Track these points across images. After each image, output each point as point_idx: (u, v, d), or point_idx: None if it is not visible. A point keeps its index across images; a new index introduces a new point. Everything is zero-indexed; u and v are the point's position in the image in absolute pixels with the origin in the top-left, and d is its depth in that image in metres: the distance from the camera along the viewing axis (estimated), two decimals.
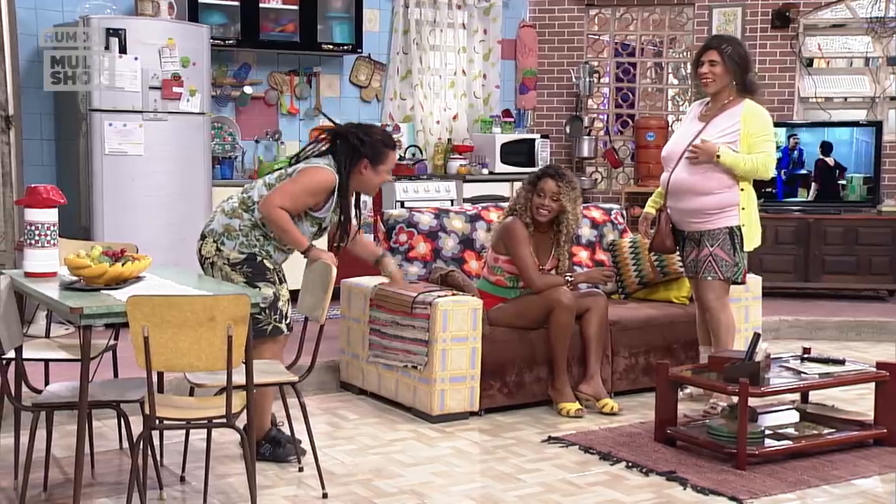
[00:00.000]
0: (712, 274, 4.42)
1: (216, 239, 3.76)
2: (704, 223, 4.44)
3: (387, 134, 3.96)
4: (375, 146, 3.78)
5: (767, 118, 4.45)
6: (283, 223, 3.68)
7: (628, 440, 4.10)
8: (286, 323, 3.74)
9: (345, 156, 3.76)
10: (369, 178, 3.80)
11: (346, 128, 3.86)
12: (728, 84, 4.44)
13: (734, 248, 4.40)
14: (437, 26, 7.43)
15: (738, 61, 4.42)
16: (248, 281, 3.69)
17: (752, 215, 4.45)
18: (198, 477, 3.53)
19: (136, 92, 5.65)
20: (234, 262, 3.72)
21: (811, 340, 5.88)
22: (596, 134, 7.98)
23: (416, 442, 4.12)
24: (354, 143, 3.76)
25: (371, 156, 3.77)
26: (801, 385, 4.07)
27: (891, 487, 3.65)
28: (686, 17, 7.76)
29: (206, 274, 3.80)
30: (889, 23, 7.31)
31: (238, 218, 3.76)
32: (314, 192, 3.71)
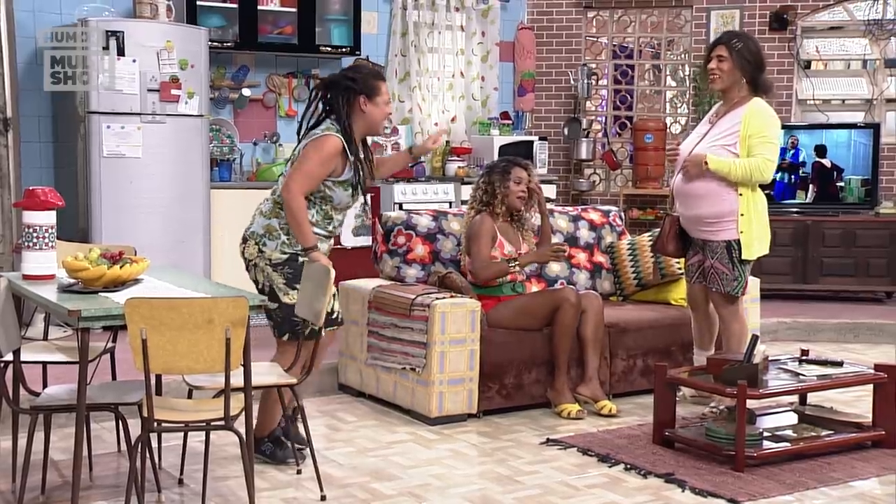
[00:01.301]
0: (716, 286, 4.39)
1: (257, 241, 3.77)
2: (705, 232, 4.38)
3: (374, 67, 3.97)
4: (367, 80, 3.77)
5: (770, 119, 4.29)
6: (298, 214, 3.68)
7: (626, 442, 4.10)
8: (332, 316, 3.79)
9: (341, 100, 3.75)
10: (371, 113, 3.78)
11: (333, 76, 3.87)
12: (737, 82, 4.30)
13: (732, 262, 4.30)
14: (435, 28, 7.43)
15: (748, 58, 4.28)
16: (287, 282, 3.72)
17: (754, 222, 4.29)
18: (196, 479, 3.53)
19: (135, 94, 5.66)
20: (276, 263, 3.73)
21: (809, 342, 5.88)
22: (594, 136, 7.98)
23: (414, 444, 4.12)
24: (346, 84, 3.76)
25: (365, 90, 3.75)
26: (799, 387, 4.07)
27: (889, 489, 3.66)
28: (684, 19, 7.77)
29: (251, 277, 3.82)
30: (886, 25, 7.32)
31: (276, 217, 3.76)
32: (326, 161, 3.70)
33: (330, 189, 3.74)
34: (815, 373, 4.10)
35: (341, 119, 3.75)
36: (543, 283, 5.03)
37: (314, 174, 3.69)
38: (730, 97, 4.37)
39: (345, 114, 3.74)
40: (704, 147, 4.36)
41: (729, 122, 4.33)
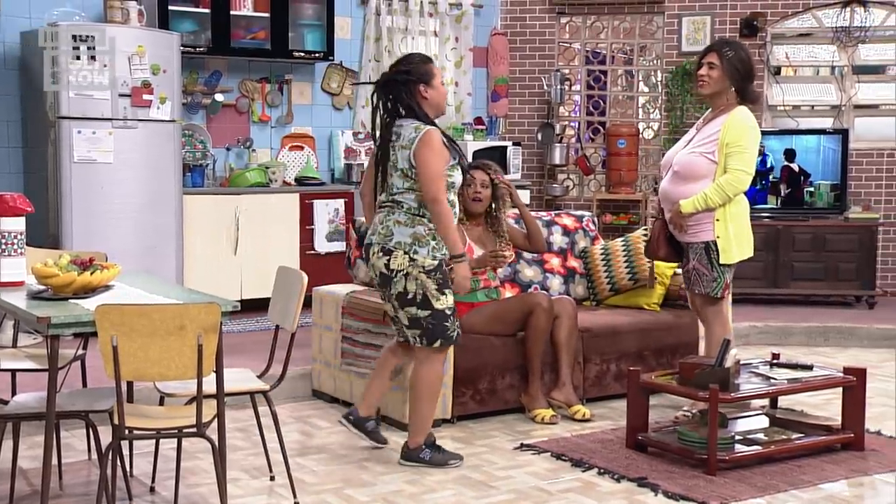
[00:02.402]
0: (698, 288, 4.43)
1: (407, 250, 3.75)
2: (686, 235, 4.43)
3: (419, 54, 4.05)
4: (419, 67, 3.81)
5: (748, 129, 4.31)
6: (449, 222, 3.73)
7: (600, 447, 4.12)
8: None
9: (403, 95, 3.79)
10: (433, 97, 3.82)
11: (384, 76, 3.91)
12: (725, 89, 4.35)
13: (711, 263, 4.35)
14: (408, 34, 7.44)
15: (738, 67, 4.33)
16: (438, 288, 3.75)
17: (731, 227, 4.32)
18: (168, 487, 3.51)
19: (106, 99, 5.62)
20: (429, 269, 3.74)
21: (780, 346, 5.94)
22: (567, 141, 8.02)
23: (388, 450, 4.11)
24: (402, 78, 3.80)
25: (422, 77, 3.80)
26: (770, 391, 4.10)
27: (857, 491, 3.70)
28: (656, 25, 7.83)
29: (393, 289, 3.78)
30: (854, 32, 7.41)
31: (420, 224, 3.76)
32: (441, 154, 3.74)
33: (449, 176, 3.78)
34: (785, 376, 4.13)
35: (415, 111, 3.78)
36: (517, 288, 5.05)
37: (440, 172, 3.72)
38: (716, 104, 4.43)
39: (415, 106, 3.79)
40: (684, 154, 4.42)
41: (711, 129, 4.39)
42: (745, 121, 4.33)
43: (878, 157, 7.60)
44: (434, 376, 3.86)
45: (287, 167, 6.93)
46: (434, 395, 3.88)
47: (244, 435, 4.27)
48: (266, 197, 6.52)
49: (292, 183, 6.84)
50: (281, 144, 7.04)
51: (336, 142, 7.24)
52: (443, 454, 3.90)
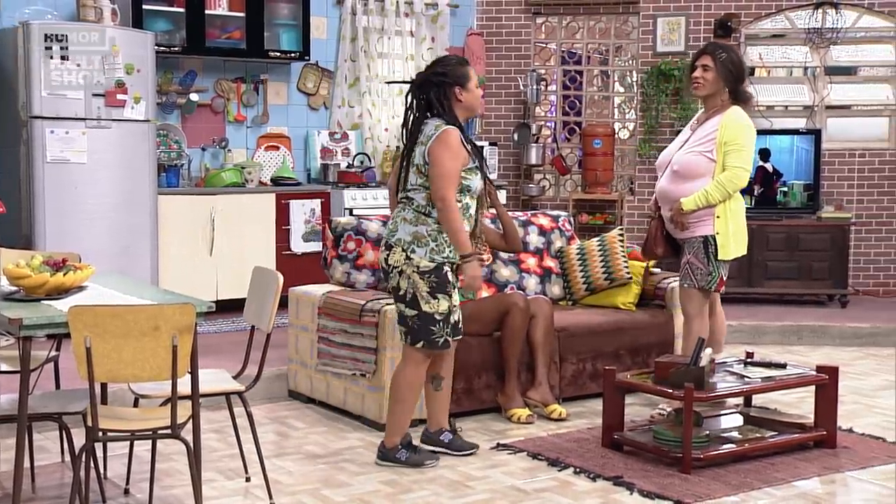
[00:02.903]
0: (688, 282, 4.50)
1: (405, 248, 3.75)
2: (685, 231, 4.50)
3: (456, 56, 4.05)
4: (455, 70, 3.82)
5: (745, 128, 4.42)
6: (455, 221, 3.71)
7: (576, 446, 4.14)
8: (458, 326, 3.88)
9: (438, 97, 3.79)
10: (468, 100, 3.83)
11: (420, 76, 3.91)
12: (719, 90, 4.47)
13: (708, 256, 4.43)
14: (384, 34, 7.43)
15: (730, 68, 4.45)
16: (430, 291, 3.73)
17: (731, 224, 4.43)
18: (142, 489, 3.49)
19: (79, 99, 5.58)
20: (424, 271, 3.73)
21: (754, 345, 5.98)
22: (543, 141, 8.04)
23: (364, 450, 4.11)
24: (438, 79, 3.80)
25: (458, 80, 3.81)
26: (744, 389, 4.13)
27: (830, 488, 3.73)
28: (631, 25, 7.86)
29: (391, 283, 3.81)
30: (826, 33, 7.48)
31: (424, 224, 3.75)
32: (456, 154, 3.73)
33: (466, 178, 3.76)
34: (759, 375, 4.16)
35: (444, 114, 3.78)
36: (494, 288, 5.05)
37: (454, 172, 3.72)
38: (711, 105, 4.53)
39: (446, 107, 3.79)
40: (683, 153, 4.51)
41: (708, 129, 4.48)
42: (741, 119, 4.44)
43: (850, 157, 7.67)
44: (414, 378, 3.85)
45: (263, 167, 6.91)
46: (412, 396, 3.88)
47: (220, 436, 4.25)
48: (242, 197, 6.49)
49: (268, 183, 6.82)
50: (257, 144, 7.01)
51: (312, 142, 7.22)
52: (419, 454, 3.90)
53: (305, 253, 6.65)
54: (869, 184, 7.65)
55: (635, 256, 5.27)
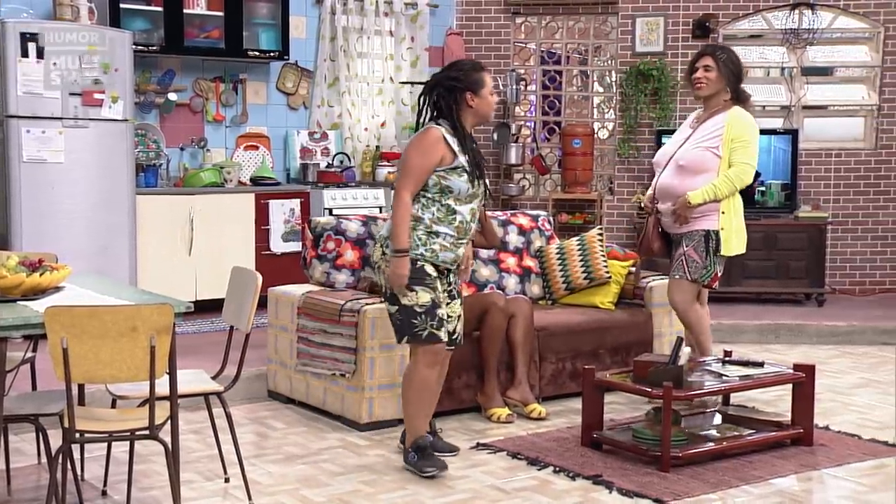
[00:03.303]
0: (680, 273, 4.56)
1: (382, 243, 3.78)
2: (687, 225, 4.55)
3: (473, 61, 3.99)
4: (469, 75, 3.78)
5: (750, 125, 4.53)
6: (397, 213, 3.67)
7: (555, 445, 4.15)
8: (452, 336, 3.85)
9: (448, 100, 3.76)
10: (479, 106, 3.79)
11: (435, 77, 3.87)
12: (720, 90, 4.57)
13: (707, 250, 4.51)
14: (364, 33, 7.42)
15: (731, 68, 4.56)
16: (407, 284, 3.68)
17: (734, 221, 4.54)
18: (120, 491, 3.47)
19: (56, 98, 5.53)
20: None
21: (732, 343, 6.02)
22: (523, 141, 8.05)
23: (344, 450, 4.11)
24: (450, 84, 3.77)
25: (470, 86, 3.77)
26: (722, 388, 4.16)
27: (806, 486, 3.76)
28: (610, 25, 7.89)
29: (380, 280, 3.82)
30: (802, 34, 7.54)
31: None
32: (426, 152, 3.70)
33: (445, 178, 3.70)
34: (737, 373, 4.19)
35: (450, 118, 3.76)
36: (474, 287, 5.06)
37: (414, 168, 3.69)
38: (712, 104, 4.62)
39: (454, 112, 3.76)
40: (689, 149, 4.58)
41: (712, 126, 4.57)
42: (746, 117, 4.55)
43: (827, 157, 7.73)
44: (417, 378, 3.78)
45: (242, 167, 6.88)
46: (419, 397, 3.79)
47: (198, 437, 4.23)
48: (221, 197, 6.47)
49: (247, 183, 6.80)
50: (236, 144, 6.99)
51: (291, 141, 7.20)
52: (424, 460, 3.78)
53: (285, 253, 6.63)
54: (845, 183, 7.71)
55: (615, 256, 5.29)
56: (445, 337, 3.77)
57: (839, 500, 3.59)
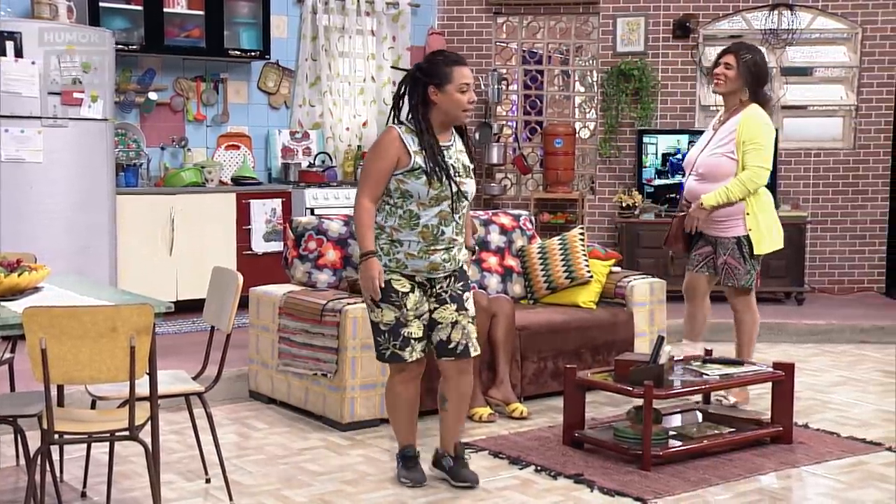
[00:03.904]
0: (731, 281, 4.66)
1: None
2: (717, 230, 4.64)
3: (448, 53, 3.64)
4: (436, 67, 3.49)
5: (763, 126, 4.54)
6: (357, 219, 3.51)
7: (537, 444, 4.16)
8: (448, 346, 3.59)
9: (413, 92, 3.52)
10: (442, 103, 3.48)
11: (413, 67, 3.63)
12: (739, 90, 4.59)
13: (743, 256, 4.59)
14: (345, 33, 7.41)
15: (752, 70, 4.58)
16: (372, 299, 3.52)
17: (762, 219, 4.58)
18: (100, 492, 3.45)
19: (35, 97, 5.49)
20: None
21: (713, 342, 6.01)
22: (505, 140, 8.06)
23: (326, 450, 4.10)
24: (415, 74, 3.53)
25: (434, 78, 3.48)
26: (703, 386, 4.18)
27: (785, 483, 3.79)
28: (591, 25, 7.91)
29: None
30: (781, 34, 7.58)
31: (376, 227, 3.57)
32: (381, 155, 3.50)
33: (403, 182, 3.48)
34: (717, 372, 4.21)
35: (412, 113, 3.52)
36: None
37: (371, 172, 3.51)
38: (730, 104, 4.67)
39: (417, 107, 3.51)
40: (706, 156, 4.67)
41: (727, 130, 4.64)
42: (759, 118, 4.56)
43: (806, 157, 7.79)
44: (390, 393, 3.68)
45: (223, 167, 6.86)
46: (392, 409, 3.71)
47: (180, 437, 4.21)
48: (202, 197, 6.44)
49: (229, 182, 6.77)
50: (217, 144, 6.96)
51: (273, 141, 7.18)
52: (405, 470, 3.70)
53: (266, 253, 6.61)
54: (824, 183, 7.77)
55: (596, 255, 5.31)
56: (412, 356, 3.54)
57: (818, 498, 3.62)
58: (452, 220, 3.55)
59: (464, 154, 3.62)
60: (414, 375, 3.65)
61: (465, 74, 3.50)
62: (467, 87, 3.50)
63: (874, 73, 7.70)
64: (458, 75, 3.49)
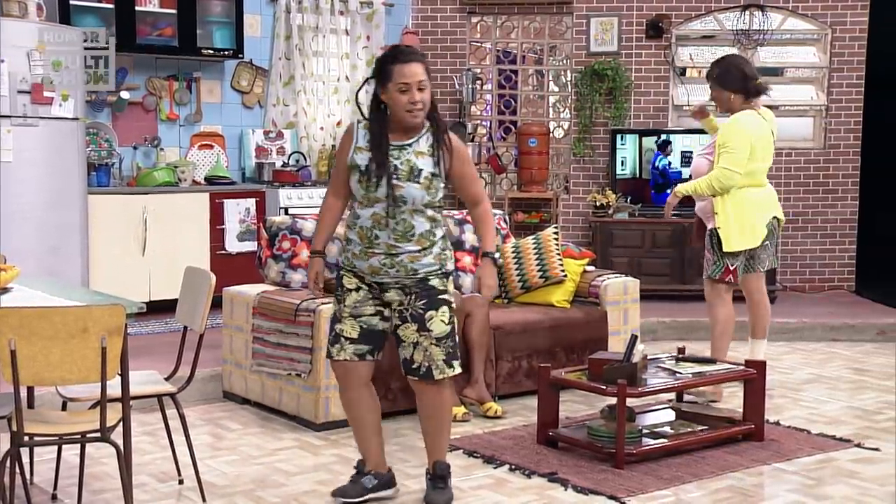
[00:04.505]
0: (705, 272, 4.92)
1: None
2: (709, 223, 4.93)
3: (399, 50, 3.42)
4: (381, 65, 3.34)
5: (735, 130, 4.71)
6: (319, 215, 3.53)
7: (511, 443, 4.17)
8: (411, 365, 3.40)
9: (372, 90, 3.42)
10: (389, 102, 3.32)
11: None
12: (728, 99, 4.79)
13: (713, 248, 4.83)
14: (319, 32, 7.39)
15: (716, 78, 4.81)
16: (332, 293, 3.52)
17: (731, 218, 4.76)
18: (71, 494, 3.42)
19: (3, 96, 5.43)
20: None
21: (687, 341, 6.08)
22: (479, 140, 8.07)
23: (300, 450, 4.09)
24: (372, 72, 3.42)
25: (378, 76, 3.34)
26: (675, 385, 4.20)
27: (756, 480, 3.82)
28: (565, 25, 7.94)
29: None
30: (753, 35, 7.65)
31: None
32: (339, 149, 3.48)
33: (350, 178, 3.39)
34: (690, 370, 4.24)
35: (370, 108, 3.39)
36: None
37: (336, 168, 3.48)
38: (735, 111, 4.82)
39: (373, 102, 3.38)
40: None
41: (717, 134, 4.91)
42: (733, 124, 4.74)
43: (777, 156, 7.78)
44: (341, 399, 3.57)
45: (196, 166, 6.82)
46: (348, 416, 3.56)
47: (152, 439, 4.19)
48: (175, 196, 6.40)
49: (202, 182, 6.74)
50: (190, 143, 6.92)
51: (247, 140, 7.15)
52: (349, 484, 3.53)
53: (240, 252, 6.58)
54: (795, 182, 7.84)
55: (570, 255, 5.33)
56: (339, 355, 3.39)
57: (789, 494, 3.66)
58: (387, 225, 3.31)
59: (424, 157, 3.35)
60: (354, 382, 3.44)
61: (406, 73, 3.27)
62: (407, 87, 3.27)
63: (843, 73, 7.78)
64: (398, 74, 3.27)
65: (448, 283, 3.44)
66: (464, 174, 3.49)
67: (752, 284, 5.03)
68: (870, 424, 4.53)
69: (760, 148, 4.75)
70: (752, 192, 4.78)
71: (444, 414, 3.49)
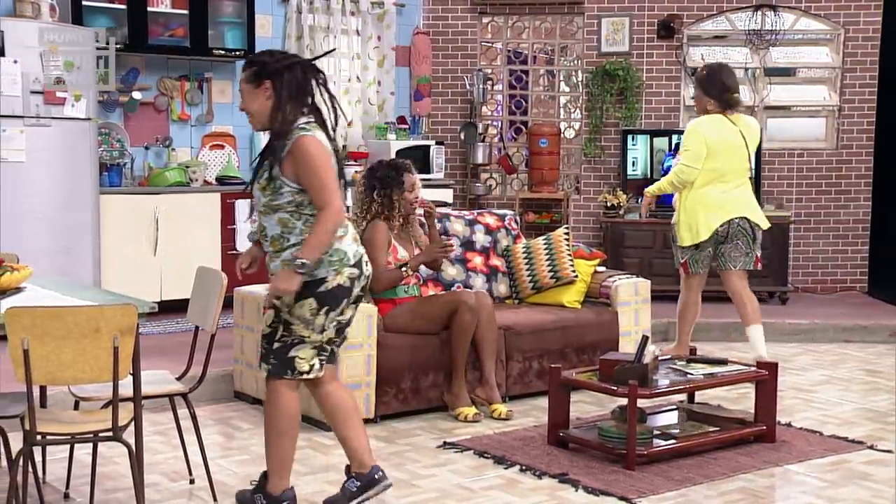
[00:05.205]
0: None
1: None
2: None
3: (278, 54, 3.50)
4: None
5: (690, 131, 5.11)
6: None
7: (522, 444, 4.16)
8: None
9: None
10: None
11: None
12: (706, 103, 5.14)
13: (674, 240, 5.26)
14: (330, 32, 7.40)
15: (699, 82, 5.19)
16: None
17: (681, 216, 5.15)
18: (83, 493, 3.43)
19: (17, 96, 5.46)
20: None
21: (697, 341, 6.05)
22: (490, 140, 8.07)
23: (310, 450, 4.09)
24: None
25: None
26: (687, 386, 4.19)
27: (767, 482, 3.81)
28: (576, 25, 7.93)
29: None
30: (765, 35, 7.63)
31: None
32: None
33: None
34: (702, 371, 4.23)
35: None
36: (440, 286, 5.06)
37: None
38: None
39: None
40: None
41: None
42: (691, 127, 5.14)
43: (790, 156, 7.83)
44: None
45: (208, 166, 6.84)
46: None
47: (164, 438, 4.20)
48: (186, 196, 6.42)
49: (213, 182, 6.75)
50: (201, 143, 6.94)
51: (258, 141, 7.15)
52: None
53: None
54: (808, 183, 7.81)
55: (581, 255, 5.32)
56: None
57: (801, 496, 3.64)
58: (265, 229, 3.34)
59: (274, 160, 3.42)
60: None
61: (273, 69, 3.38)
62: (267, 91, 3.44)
63: (856, 73, 7.74)
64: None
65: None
66: (300, 177, 3.36)
67: (728, 283, 5.28)
68: (883, 426, 4.51)
69: (724, 150, 5.06)
70: (711, 190, 5.08)
71: (268, 420, 3.33)
